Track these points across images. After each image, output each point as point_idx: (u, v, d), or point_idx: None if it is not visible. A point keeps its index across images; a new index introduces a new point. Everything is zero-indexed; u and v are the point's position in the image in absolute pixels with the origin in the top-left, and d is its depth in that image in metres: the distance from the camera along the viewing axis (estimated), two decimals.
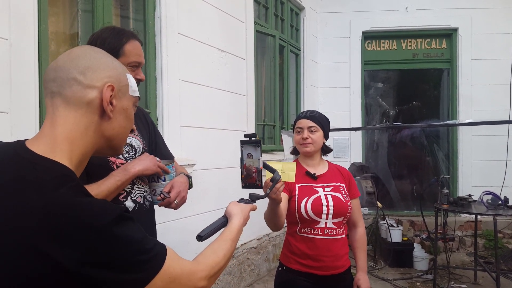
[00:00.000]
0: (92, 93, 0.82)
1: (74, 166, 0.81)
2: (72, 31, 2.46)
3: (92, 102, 0.82)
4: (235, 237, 1.10)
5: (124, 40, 1.46)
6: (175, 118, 3.00)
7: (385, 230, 4.81)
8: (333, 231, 1.86)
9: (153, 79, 2.88)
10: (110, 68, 0.86)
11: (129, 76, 0.91)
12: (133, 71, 1.48)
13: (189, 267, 0.87)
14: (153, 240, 0.81)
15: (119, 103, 0.87)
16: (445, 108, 5.99)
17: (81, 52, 0.85)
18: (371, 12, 5.78)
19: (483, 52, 5.59)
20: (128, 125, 0.91)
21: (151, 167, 1.46)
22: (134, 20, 2.91)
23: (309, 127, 1.93)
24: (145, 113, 1.76)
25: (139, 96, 0.87)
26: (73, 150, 0.81)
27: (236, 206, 1.25)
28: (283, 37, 4.93)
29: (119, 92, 0.87)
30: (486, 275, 4.06)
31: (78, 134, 0.82)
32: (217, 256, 0.97)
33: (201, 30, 3.33)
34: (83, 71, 0.82)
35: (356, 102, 5.83)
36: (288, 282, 1.91)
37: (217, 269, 0.95)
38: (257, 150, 1.42)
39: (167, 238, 2.77)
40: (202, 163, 3.21)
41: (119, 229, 0.72)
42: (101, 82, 0.83)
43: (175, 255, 0.85)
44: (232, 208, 1.23)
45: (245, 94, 4.02)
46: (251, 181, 1.42)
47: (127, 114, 0.90)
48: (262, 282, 4.07)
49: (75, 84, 0.81)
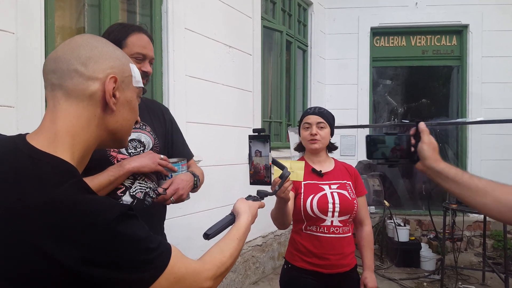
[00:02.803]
0: (94, 85, 0.79)
1: (76, 161, 0.78)
2: (78, 26, 2.45)
3: (94, 95, 0.79)
4: (243, 236, 1.07)
5: (128, 32, 1.45)
6: (181, 114, 2.98)
7: (392, 229, 4.76)
8: (339, 229, 1.84)
9: (159, 74, 2.87)
10: (112, 58, 0.82)
11: (132, 66, 0.87)
12: (138, 64, 1.47)
13: (195, 267, 0.85)
14: (158, 239, 0.78)
15: (123, 95, 0.84)
16: (455, 106, 5.91)
17: (82, 42, 0.81)
18: (380, 8, 5.70)
19: (494, 49, 5.49)
20: (132, 117, 0.88)
21: (149, 164, 1.44)
22: (141, 15, 2.89)
23: (318, 123, 1.91)
24: (164, 110, 1.73)
25: (144, 87, 0.84)
26: (75, 145, 0.78)
27: (243, 203, 1.21)
28: (291, 32, 4.88)
29: (122, 84, 0.83)
30: (494, 276, 4.00)
31: (80, 128, 0.79)
32: (223, 255, 0.94)
33: (208, 25, 3.30)
34: (84, 62, 0.79)
35: (364, 99, 5.76)
36: (293, 280, 1.89)
37: (223, 269, 0.92)
38: (266, 146, 1.37)
39: (172, 235, 2.75)
40: (208, 160, 3.19)
41: (123, 227, 0.70)
42: (104, 73, 0.80)
43: (181, 254, 0.82)
44: (240, 206, 1.19)
45: (251, 90, 3.99)
46: (260, 178, 1.39)
47: (131, 106, 0.87)
48: (267, 280, 4.05)
49: (76, 76, 0.78)
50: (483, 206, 1.09)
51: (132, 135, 1.49)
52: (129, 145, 1.48)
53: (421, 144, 1.19)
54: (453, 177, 1.12)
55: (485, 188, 1.08)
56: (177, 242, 2.85)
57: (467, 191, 1.10)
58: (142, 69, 1.48)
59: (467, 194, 1.10)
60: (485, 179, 1.09)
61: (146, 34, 1.50)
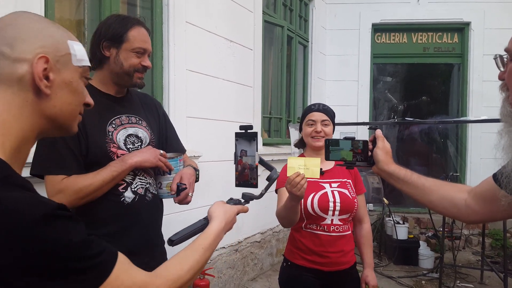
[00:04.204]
0: (22, 68, 0.71)
1: (7, 153, 0.69)
2: (78, 18, 2.41)
3: (23, 78, 0.71)
4: (210, 245, 0.94)
5: (128, 26, 1.42)
6: (181, 109, 2.95)
7: (390, 227, 4.76)
8: (339, 227, 1.83)
9: (159, 68, 2.83)
10: (43, 36, 0.73)
11: (71, 43, 0.77)
12: (139, 58, 1.44)
13: (143, 280, 0.74)
14: (101, 246, 0.69)
15: (59, 76, 0.75)
16: (455, 104, 5.89)
17: (9, 21, 0.73)
18: (381, 4, 5.66)
19: (496, 47, 5.29)
20: (75, 100, 0.79)
21: (150, 159, 1.43)
22: (142, 7, 2.85)
23: (323, 121, 1.90)
24: (157, 104, 1.72)
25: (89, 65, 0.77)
26: (5, 135, 0.70)
27: (219, 207, 1.08)
28: (292, 27, 4.84)
29: (57, 64, 0.74)
30: (492, 275, 4.01)
31: (11, 116, 0.71)
32: (181, 268, 0.83)
33: (209, 19, 3.26)
34: (10, 43, 0.70)
35: (364, 96, 5.73)
36: (293, 277, 1.88)
37: (179, 283, 0.81)
38: (252, 145, 1.27)
39: (170, 231, 2.73)
40: (208, 155, 3.16)
41: (47, 229, 0.61)
42: (32, 53, 0.71)
43: (128, 265, 0.73)
44: (214, 210, 1.06)
45: (252, 85, 3.95)
46: (244, 179, 1.29)
47: (72, 88, 0.77)
48: (265, 276, 4.04)
49: (2, 59, 0.70)
50: (430, 203, 1.20)
51: (129, 130, 1.47)
52: (127, 140, 1.46)
53: (375, 149, 1.30)
54: (403, 178, 1.23)
55: (430, 187, 1.19)
56: None
57: (415, 190, 1.21)
58: (142, 64, 1.45)
59: (416, 192, 1.21)
60: (432, 179, 1.21)
61: (144, 27, 1.49)
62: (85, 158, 1.38)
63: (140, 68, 1.46)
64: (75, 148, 1.35)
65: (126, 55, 1.42)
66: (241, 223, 3.66)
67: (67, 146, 1.34)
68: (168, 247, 1.70)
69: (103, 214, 1.39)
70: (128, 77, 1.45)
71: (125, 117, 1.49)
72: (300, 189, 1.46)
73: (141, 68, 1.46)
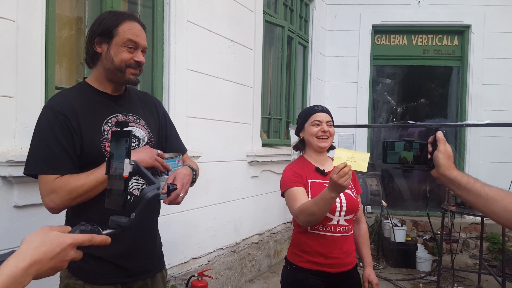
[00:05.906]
0: None
1: None
2: (79, 15, 2.38)
3: None
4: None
5: (119, 20, 1.38)
6: (181, 109, 2.93)
7: (388, 229, 4.75)
8: (344, 228, 1.84)
9: (160, 67, 2.80)
10: None
11: None
12: (131, 53, 1.39)
13: None
14: None
15: None
16: (454, 107, 5.89)
17: None
18: (382, 5, 5.66)
19: (496, 50, 5.47)
20: None
21: (146, 159, 1.38)
22: (143, 6, 2.82)
23: (327, 122, 1.91)
24: (158, 103, 1.67)
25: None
26: None
27: (36, 237, 0.73)
28: (292, 28, 4.82)
29: None
30: (490, 278, 4.01)
31: None
32: None
33: (210, 18, 3.24)
34: None
35: (363, 98, 5.73)
36: (298, 281, 1.87)
37: None
38: (120, 147, 0.93)
39: (169, 231, 2.71)
40: (207, 156, 3.14)
41: None
42: None
43: None
44: (24, 241, 0.73)
45: (251, 86, 3.93)
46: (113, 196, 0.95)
47: None
48: (262, 278, 4.02)
49: None
50: (493, 214, 1.14)
51: None
52: None
53: (436, 152, 1.24)
54: (465, 185, 1.18)
55: (494, 196, 1.13)
56: (173, 239, 2.80)
57: (478, 198, 1.16)
58: (135, 59, 1.40)
59: (478, 201, 1.16)
60: (496, 188, 1.15)
61: (138, 22, 1.43)
62: (80, 157, 1.35)
63: (133, 64, 1.40)
64: (69, 148, 1.32)
65: (116, 50, 1.37)
66: (239, 225, 3.65)
67: (61, 145, 1.31)
68: (165, 248, 1.69)
69: (97, 215, 1.36)
70: (120, 73, 1.39)
71: (122, 116, 1.45)
72: (347, 180, 1.46)
73: (133, 64, 1.40)
